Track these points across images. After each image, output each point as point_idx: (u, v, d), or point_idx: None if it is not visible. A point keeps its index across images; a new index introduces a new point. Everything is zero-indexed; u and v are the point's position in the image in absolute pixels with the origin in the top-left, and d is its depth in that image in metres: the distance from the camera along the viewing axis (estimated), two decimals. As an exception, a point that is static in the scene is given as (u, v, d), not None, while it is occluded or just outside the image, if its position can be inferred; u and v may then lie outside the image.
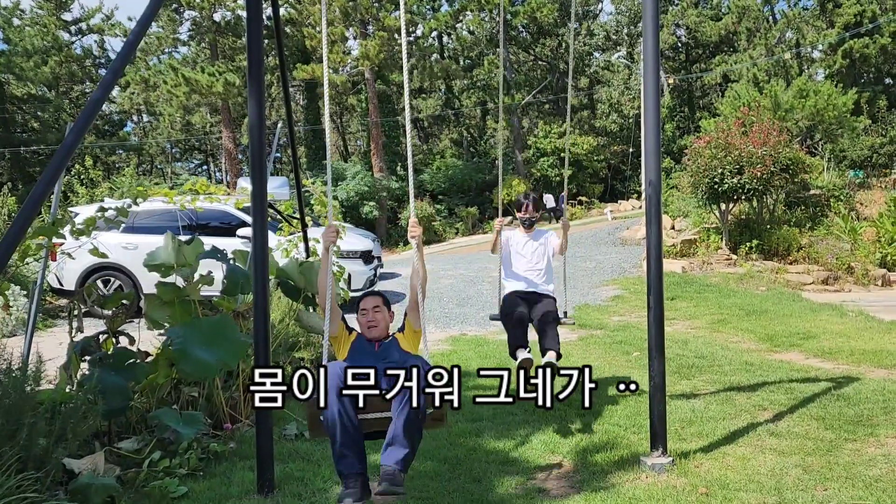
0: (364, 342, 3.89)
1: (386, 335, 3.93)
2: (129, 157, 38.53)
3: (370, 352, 3.83)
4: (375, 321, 3.88)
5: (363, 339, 3.91)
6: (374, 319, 3.87)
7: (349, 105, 40.81)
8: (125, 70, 37.31)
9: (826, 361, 6.68)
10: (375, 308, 3.90)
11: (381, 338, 3.89)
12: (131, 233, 10.60)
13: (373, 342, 3.87)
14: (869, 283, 12.51)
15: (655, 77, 4.08)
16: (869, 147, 21.74)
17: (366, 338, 3.90)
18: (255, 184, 3.89)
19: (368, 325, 3.88)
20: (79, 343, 4.70)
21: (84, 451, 4.16)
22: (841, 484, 3.72)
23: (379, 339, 3.88)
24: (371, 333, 3.88)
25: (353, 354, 3.82)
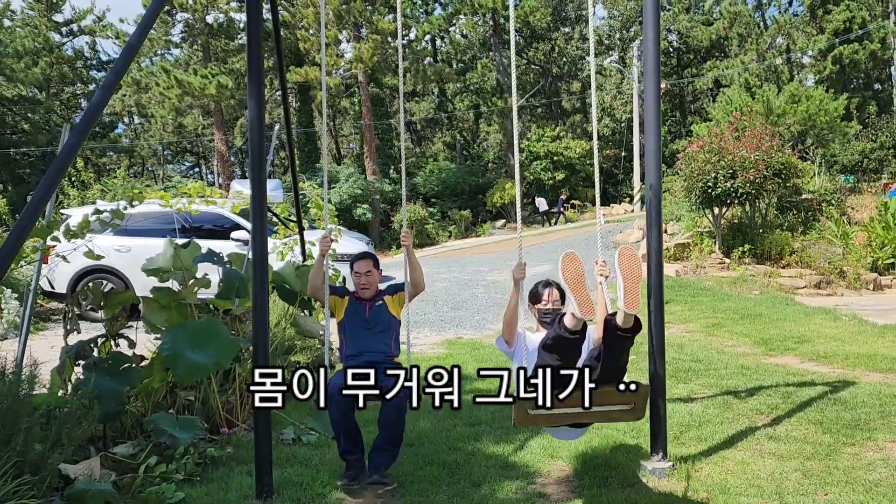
0: (356, 305, 4.43)
1: (376, 294, 4.48)
2: (120, 158, 38.36)
3: (362, 316, 4.39)
4: (367, 284, 4.43)
5: (355, 302, 4.44)
6: (366, 283, 4.43)
7: (342, 108, 40.79)
8: (116, 72, 37.08)
9: (821, 365, 6.70)
10: (367, 272, 4.44)
11: (371, 298, 4.45)
12: (124, 235, 10.52)
13: (364, 304, 4.41)
14: (861, 287, 12.58)
15: (656, 82, 4.09)
16: (859, 152, 21.91)
17: (357, 298, 4.44)
18: (254, 186, 3.87)
19: (361, 286, 4.43)
20: (73, 347, 4.65)
21: (79, 456, 4.11)
22: (841, 488, 3.72)
23: (370, 299, 4.44)
24: (363, 294, 4.44)
25: (348, 320, 4.40)
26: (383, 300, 4.47)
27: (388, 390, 3.49)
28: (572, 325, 3.33)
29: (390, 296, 4.49)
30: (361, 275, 4.43)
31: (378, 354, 4.28)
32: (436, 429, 5.08)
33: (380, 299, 4.47)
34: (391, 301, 4.48)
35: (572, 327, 3.33)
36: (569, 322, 3.34)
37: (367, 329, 4.37)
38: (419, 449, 4.69)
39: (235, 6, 31.05)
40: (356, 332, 4.37)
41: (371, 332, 4.36)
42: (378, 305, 4.43)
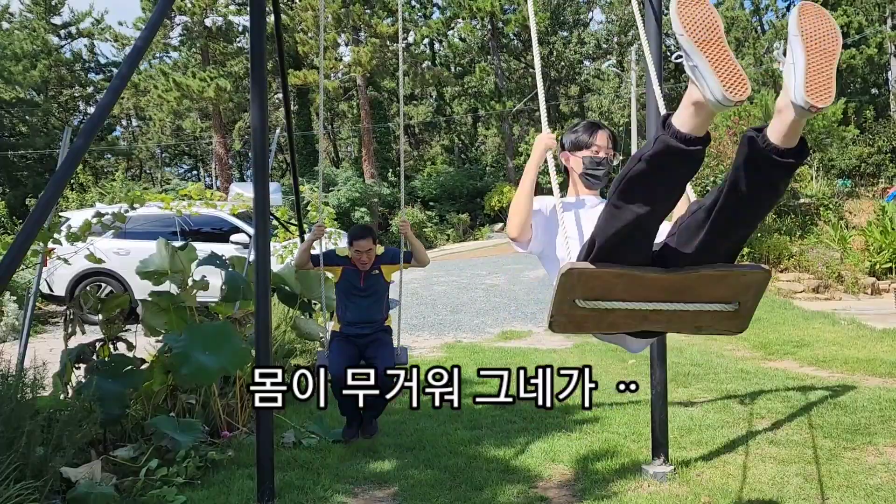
0: (351, 274, 4.72)
1: (372, 265, 4.74)
2: (118, 161, 38.30)
3: (356, 285, 4.72)
4: (367, 260, 4.68)
5: (350, 271, 4.73)
6: (366, 260, 4.67)
7: (340, 111, 40.80)
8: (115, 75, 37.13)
9: (821, 370, 6.71)
10: (368, 251, 4.66)
11: (367, 269, 4.72)
12: (122, 238, 10.50)
13: (359, 273, 4.70)
14: (859, 291, 12.60)
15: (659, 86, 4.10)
16: (857, 157, 21.96)
17: (351, 266, 4.71)
18: (257, 189, 3.86)
19: (361, 262, 4.68)
20: (74, 350, 4.65)
21: (80, 460, 4.11)
22: (842, 493, 3.73)
23: (366, 270, 4.71)
24: (362, 267, 4.70)
25: (342, 286, 4.76)
26: (380, 269, 4.76)
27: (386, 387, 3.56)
28: (693, 125, 1.74)
29: (388, 265, 4.79)
30: (363, 252, 4.65)
31: (370, 326, 4.71)
32: (436, 433, 5.08)
33: (376, 268, 4.75)
34: (387, 270, 4.80)
35: (692, 130, 1.74)
36: (687, 120, 1.75)
37: (360, 297, 4.72)
38: (420, 453, 4.69)
39: (234, 9, 31.08)
40: (350, 299, 4.74)
41: (364, 299, 4.73)
42: (374, 274, 4.74)
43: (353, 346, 4.66)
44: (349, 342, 4.67)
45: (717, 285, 2.06)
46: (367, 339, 4.70)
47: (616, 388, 4.01)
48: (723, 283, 2.05)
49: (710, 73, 1.68)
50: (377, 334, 4.72)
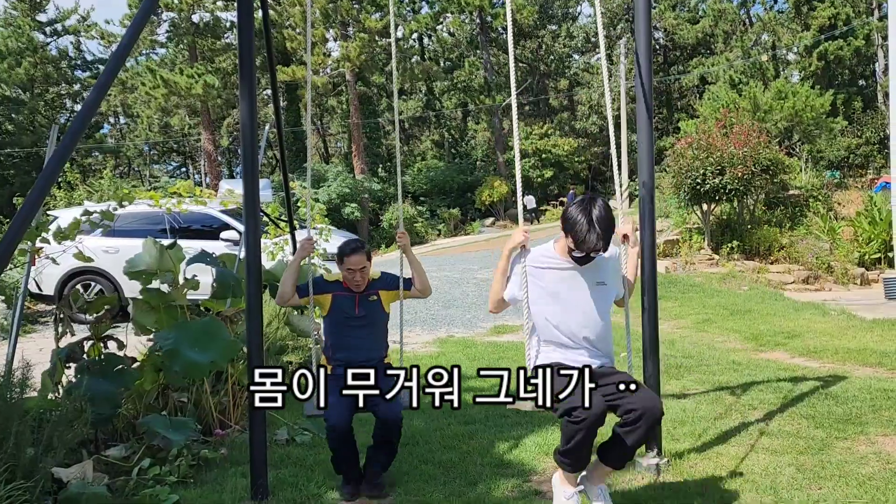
0: (343, 300, 3.95)
1: (367, 287, 3.98)
2: (106, 159, 38.05)
3: (349, 314, 3.93)
4: (361, 281, 3.91)
5: (341, 297, 3.96)
6: (360, 280, 3.91)
7: (330, 107, 40.67)
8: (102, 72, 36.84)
9: (812, 360, 6.75)
10: (363, 269, 3.89)
11: (362, 291, 3.96)
12: (112, 236, 10.43)
13: (352, 298, 3.94)
14: (848, 281, 12.69)
15: (649, 78, 4.10)
16: (845, 148, 22.10)
17: (343, 290, 3.96)
18: (247, 185, 3.84)
19: (354, 283, 3.92)
20: (64, 349, 4.61)
21: (71, 460, 4.07)
22: (835, 482, 3.75)
23: (360, 292, 3.96)
24: (355, 289, 3.95)
25: (332, 316, 3.99)
26: (378, 294, 3.98)
27: (386, 392, 3.46)
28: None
29: (386, 290, 4.01)
30: (356, 272, 3.86)
31: (369, 361, 3.84)
32: (430, 428, 5.07)
33: (373, 293, 3.96)
34: (385, 297, 4.01)
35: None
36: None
37: (355, 328, 3.91)
38: (414, 448, 4.68)
39: (221, 5, 30.91)
40: (343, 331, 3.92)
41: (360, 330, 3.91)
42: (371, 301, 3.96)
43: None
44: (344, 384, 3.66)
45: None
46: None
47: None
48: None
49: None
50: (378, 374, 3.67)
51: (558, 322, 3.37)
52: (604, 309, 3.45)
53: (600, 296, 3.42)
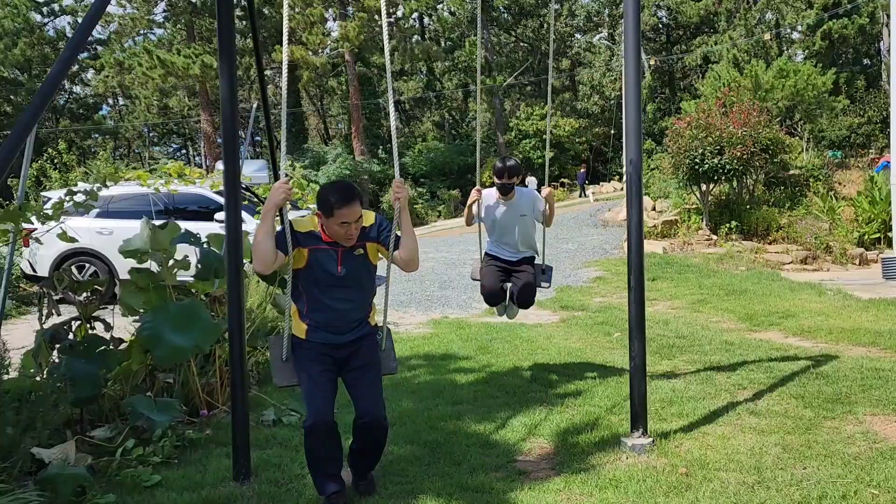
0: (323, 257, 3.25)
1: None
2: (105, 141, 37.92)
3: (331, 272, 3.25)
4: (354, 235, 3.21)
5: (320, 253, 3.24)
6: (353, 234, 3.20)
7: (330, 87, 40.40)
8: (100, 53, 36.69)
9: (805, 340, 6.71)
10: (358, 220, 3.17)
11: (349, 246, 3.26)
12: (106, 217, 10.41)
13: (334, 252, 3.24)
14: (847, 262, 12.63)
15: (636, 55, 4.02)
16: (847, 127, 21.90)
17: (326, 241, 3.25)
18: (227, 163, 3.79)
19: (347, 237, 3.19)
20: (48, 330, 4.58)
21: (56, 441, 4.06)
22: (820, 462, 3.72)
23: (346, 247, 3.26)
24: (346, 243, 3.23)
25: (310, 273, 3.28)
26: (364, 247, 3.30)
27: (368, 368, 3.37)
28: None
29: (374, 243, 3.33)
30: (350, 225, 3.15)
31: (352, 328, 3.35)
32: (418, 408, 5.06)
33: (360, 245, 3.28)
34: (373, 249, 3.34)
35: None
36: None
37: (337, 287, 3.27)
38: (400, 429, 4.66)
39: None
40: (322, 291, 3.27)
41: (343, 291, 3.28)
42: (358, 255, 3.28)
43: (329, 362, 3.33)
44: (323, 355, 3.32)
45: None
46: (347, 350, 3.36)
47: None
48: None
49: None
50: (363, 347, 3.39)
51: (497, 235, 5.50)
52: (524, 229, 5.43)
53: (522, 221, 5.40)
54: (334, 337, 3.33)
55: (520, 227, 5.38)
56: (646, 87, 38.03)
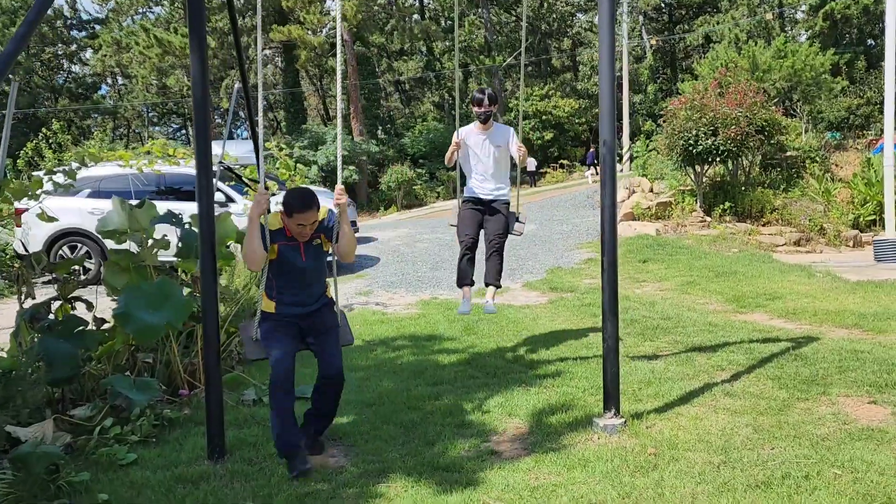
0: (289, 252, 3.88)
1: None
2: (104, 121, 37.85)
3: (296, 263, 3.90)
4: (308, 233, 3.86)
5: (287, 248, 3.88)
6: (308, 233, 3.86)
7: (329, 67, 40.15)
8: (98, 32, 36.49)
9: (789, 322, 6.73)
10: (313, 223, 3.84)
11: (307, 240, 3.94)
12: (97, 198, 10.43)
13: (297, 248, 3.89)
14: (841, 244, 12.60)
15: (611, 33, 3.99)
16: (846, 108, 21.74)
17: (289, 237, 3.88)
18: (199, 144, 3.79)
19: (302, 235, 3.85)
20: (28, 310, 4.62)
21: (36, 419, 4.10)
22: (788, 442, 3.75)
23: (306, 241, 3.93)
24: (302, 239, 3.89)
25: (279, 264, 3.90)
26: (320, 237, 3.97)
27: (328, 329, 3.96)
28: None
29: (326, 233, 4.00)
30: (306, 226, 3.81)
31: (313, 302, 3.98)
32: (398, 388, 5.09)
33: (316, 236, 3.95)
34: (325, 239, 4.01)
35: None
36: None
37: (301, 273, 3.92)
38: (379, 409, 4.70)
39: (216, -38, 30.27)
40: (288, 278, 3.92)
41: (305, 277, 3.93)
42: (315, 245, 3.95)
43: (294, 329, 3.92)
44: (288, 325, 3.91)
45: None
46: (309, 319, 3.96)
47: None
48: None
49: None
50: (320, 310, 4.00)
51: (473, 165, 5.86)
52: (500, 159, 5.83)
53: (498, 151, 5.79)
54: (301, 309, 3.96)
55: (495, 157, 5.83)
56: (647, 67, 37.77)
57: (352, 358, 6.06)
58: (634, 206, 14.26)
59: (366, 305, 8.55)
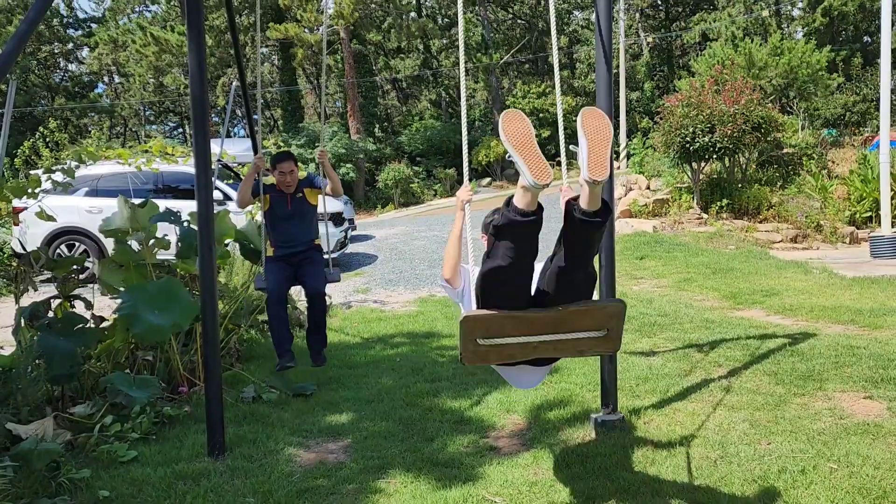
0: (279, 199, 5.15)
1: (295, 189, 5.18)
2: (101, 119, 37.76)
3: (284, 209, 5.14)
4: (291, 181, 5.12)
5: (277, 197, 5.15)
6: (290, 181, 5.11)
7: (326, 65, 40.09)
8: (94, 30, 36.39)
9: (786, 318, 6.76)
10: (291, 171, 5.11)
11: (292, 192, 5.16)
12: (95, 196, 10.43)
13: (284, 197, 5.14)
14: (837, 240, 12.65)
15: (608, 28, 4.01)
16: (842, 105, 21.76)
17: (278, 192, 5.15)
18: (197, 142, 3.80)
19: (286, 185, 5.11)
20: (27, 308, 4.62)
21: (36, 417, 4.11)
22: (784, 437, 3.78)
23: (291, 193, 5.16)
24: (286, 190, 5.14)
25: (271, 212, 5.16)
26: (303, 192, 5.19)
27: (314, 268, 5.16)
28: (525, 203, 2.48)
29: (309, 188, 5.23)
30: (286, 174, 5.07)
31: (301, 244, 5.16)
32: (396, 385, 5.12)
33: (300, 191, 5.18)
34: (309, 193, 5.23)
35: (525, 206, 2.48)
36: (520, 200, 2.49)
37: (289, 220, 5.13)
38: (378, 405, 4.72)
39: (212, -40, 30.18)
40: (280, 223, 5.14)
41: (292, 222, 5.14)
42: (298, 197, 5.17)
43: (288, 266, 5.09)
44: (283, 262, 5.10)
45: (585, 318, 2.67)
46: (299, 257, 5.12)
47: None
48: (588, 315, 2.67)
49: (525, 166, 2.42)
50: (308, 253, 5.17)
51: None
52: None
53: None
54: (291, 248, 5.15)
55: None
56: (643, 64, 37.78)
57: (350, 355, 6.09)
58: (631, 204, 14.28)
59: (364, 303, 8.57)
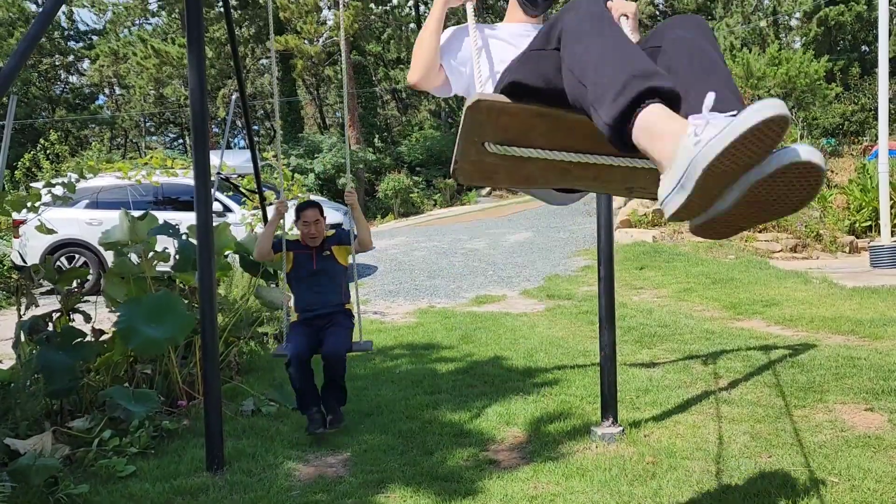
0: (303, 257, 4.56)
1: (322, 243, 4.59)
2: (102, 131, 37.84)
3: (309, 268, 4.55)
4: (316, 233, 4.53)
5: (301, 254, 4.57)
6: (315, 232, 4.52)
7: (326, 76, 40.21)
8: (95, 43, 36.54)
9: (786, 329, 6.75)
10: (316, 221, 4.52)
11: (318, 247, 4.58)
12: (95, 208, 10.44)
13: (310, 254, 4.55)
14: (837, 250, 12.65)
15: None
16: (840, 115, 21.82)
17: (304, 248, 4.57)
18: (197, 154, 3.81)
19: (310, 236, 4.53)
20: (27, 322, 4.62)
21: (35, 432, 4.10)
22: (785, 450, 3.76)
23: (316, 249, 4.57)
24: (311, 243, 4.56)
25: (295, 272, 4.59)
26: (331, 250, 4.58)
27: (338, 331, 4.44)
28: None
29: (337, 245, 4.63)
30: (311, 224, 4.51)
31: (328, 307, 4.51)
32: (396, 398, 5.10)
33: (327, 249, 4.57)
34: (338, 251, 4.61)
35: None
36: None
37: (315, 281, 4.53)
38: (377, 418, 4.71)
39: (212, -28, 30.35)
40: (305, 283, 4.55)
41: (319, 283, 4.53)
42: (325, 255, 4.56)
43: (312, 329, 4.46)
44: (307, 326, 4.48)
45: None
46: (325, 320, 4.48)
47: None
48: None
49: (685, 195, 1.48)
50: (335, 316, 4.51)
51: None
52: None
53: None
54: (317, 312, 4.52)
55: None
56: (643, 74, 37.83)
57: (350, 367, 6.06)
58: (631, 213, 14.29)
59: (364, 314, 8.56)
